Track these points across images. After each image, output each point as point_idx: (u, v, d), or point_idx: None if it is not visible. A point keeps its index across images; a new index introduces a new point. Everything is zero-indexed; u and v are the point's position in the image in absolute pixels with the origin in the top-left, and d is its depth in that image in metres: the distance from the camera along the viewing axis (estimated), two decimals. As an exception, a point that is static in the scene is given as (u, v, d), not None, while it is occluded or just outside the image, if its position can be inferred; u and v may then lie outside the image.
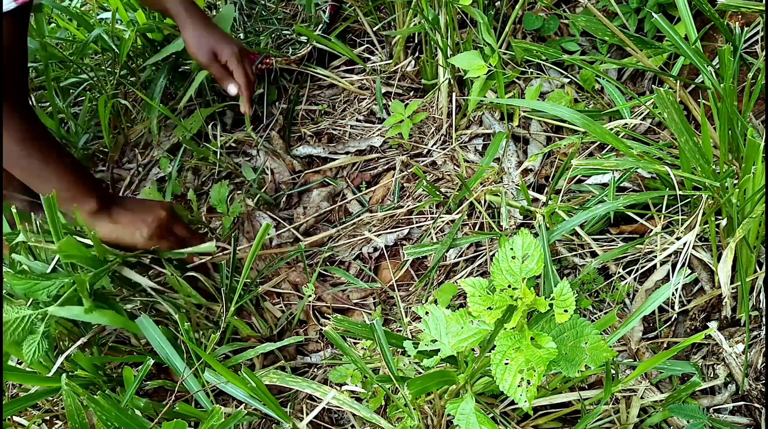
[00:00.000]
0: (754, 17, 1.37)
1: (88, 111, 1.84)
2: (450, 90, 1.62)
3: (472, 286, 0.82)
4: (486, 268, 1.42)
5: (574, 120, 1.16)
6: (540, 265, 0.81)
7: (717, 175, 1.09)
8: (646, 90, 1.52)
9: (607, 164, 1.17)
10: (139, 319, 1.16)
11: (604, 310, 1.28)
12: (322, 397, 1.07)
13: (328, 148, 1.73)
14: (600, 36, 1.39)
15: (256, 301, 1.44)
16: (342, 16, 1.87)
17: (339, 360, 1.32)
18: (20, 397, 1.07)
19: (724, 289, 1.10)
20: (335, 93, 1.85)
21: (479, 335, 0.84)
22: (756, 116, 1.30)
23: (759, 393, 1.14)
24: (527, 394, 0.77)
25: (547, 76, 1.57)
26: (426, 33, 1.62)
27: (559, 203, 1.29)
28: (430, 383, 0.90)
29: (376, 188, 1.65)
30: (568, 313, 0.78)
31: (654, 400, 1.14)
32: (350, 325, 1.04)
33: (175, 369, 1.14)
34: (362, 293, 1.49)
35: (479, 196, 1.45)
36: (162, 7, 1.50)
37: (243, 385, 1.05)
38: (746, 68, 1.28)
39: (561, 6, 1.65)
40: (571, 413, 1.14)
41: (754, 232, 1.11)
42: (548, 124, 1.56)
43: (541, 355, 0.78)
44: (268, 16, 1.87)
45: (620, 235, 1.34)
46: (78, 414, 0.95)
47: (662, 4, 1.42)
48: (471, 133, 1.63)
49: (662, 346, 1.23)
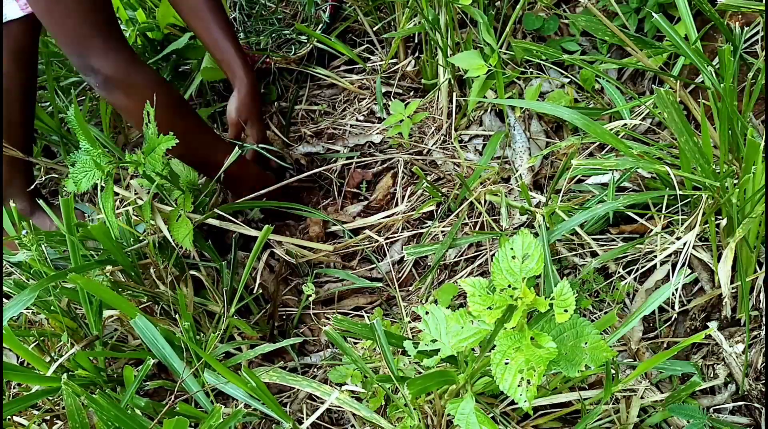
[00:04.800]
0: (754, 17, 1.37)
1: (88, 111, 1.84)
2: (450, 90, 1.62)
3: (472, 286, 0.82)
4: (486, 267, 1.42)
5: (574, 120, 1.16)
6: (540, 264, 0.81)
7: (717, 175, 1.09)
8: (646, 90, 1.52)
9: (607, 164, 1.17)
10: (135, 320, 1.16)
11: (604, 310, 1.28)
12: (323, 397, 1.07)
13: (328, 145, 1.74)
14: (600, 36, 1.39)
15: (257, 300, 1.44)
16: (342, 16, 1.87)
17: (339, 360, 1.32)
18: (20, 397, 1.08)
19: (724, 289, 1.10)
20: (335, 93, 1.85)
21: (479, 335, 0.84)
22: (756, 116, 1.30)
23: (759, 393, 1.14)
24: (527, 394, 0.77)
25: (547, 76, 1.57)
26: (426, 33, 1.62)
27: (559, 203, 1.29)
28: (430, 383, 0.90)
29: (377, 188, 1.65)
30: (568, 313, 0.78)
31: (654, 400, 1.14)
32: (350, 325, 1.04)
33: (174, 369, 1.14)
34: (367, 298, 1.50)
35: (479, 195, 1.45)
36: (223, 58, 1.49)
37: (243, 385, 1.05)
38: (746, 68, 1.28)
39: (561, 6, 1.65)
40: (571, 413, 1.14)
41: (754, 232, 1.11)
42: (548, 124, 1.56)
43: (541, 355, 0.78)
44: (268, 16, 1.87)
45: (620, 235, 1.34)
46: (78, 414, 0.95)
47: (662, 3, 1.42)
48: (471, 133, 1.63)
49: (662, 346, 1.23)
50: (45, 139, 1.83)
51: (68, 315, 1.24)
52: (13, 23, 1.34)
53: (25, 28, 1.37)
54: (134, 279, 1.29)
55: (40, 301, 1.23)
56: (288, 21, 1.90)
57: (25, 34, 1.38)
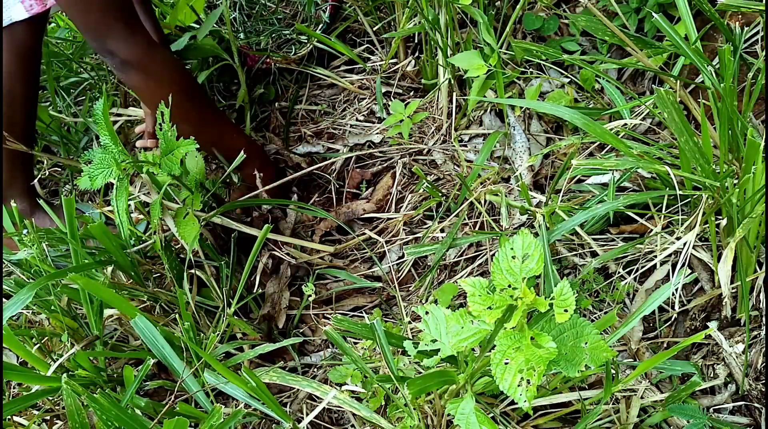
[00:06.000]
0: (754, 17, 1.37)
1: (88, 111, 1.84)
2: (450, 90, 1.62)
3: (472, 285, 0.82)
4: (486, 267, 1.42)
5: (574, 120, 1.16)
6: (540, 264, 0.81)
7: (717, 175, 1.09)
8: (646, 90, 1.52)
9: (607, 164, 1.17)
10: (135, 320, 1.16)
11: (604, 310, 1.28)
12: (323, 397, 1.07)
13: (328, 144, 1.74)
14: (600, 36, 1.39)
15: (257, 300, 1.44)
16: (342, 16, 1.87)
17: (339, 360, 1.32)
18: (20, 397, 1.08)
19: (724, 289, 1.10)
20: (335, 93, 1.85)
21: (479, 335, 0.84)
22: (756, 116, 1.30)
23: (759, 393, 1.14)
24: (527, 394, 0.77)
25: (547, 76, 1.57)
26: (426, 33, 1.62)
27: (559, 203, 1.29)
28: (430, 383, 0.90)
29: (377, 188, 1.65)
30: (568, 313, 0.78)
31: (654, 400, 1.14)
32: (350, 325, 1.04)
33: (174, 370, 1.14)
34: (367, 298, 1.50)
35: (479, 195, 1.45)
36: None
37: (243, 385, 1.05)
38: (746, 68, 1.28)
39: (561, 6, 1.65)
40: (571, 413, 1.14)
41: (754, 232, 1.11)
42: (548, 124, 1.56)
43: (541, 355, 0.78)
44: (268, 16, 1.87)
45: (620, 235, 1.34)
46: (78, 414, 0.95)
47: (662, 3, 1.42)
48: (471, 133, 1.63)
49: (662, 346, 1.23)
50: (45, 139, 1.83)
51: (68, 314, 1.24)
52: (18, 25, 1.36)
53: (29, 30, 1.38)
54: (135, 279, 1.29)
55: (41, 300, 1.23)
56: (288, 21, 1.90)
57: (29, 35, 1.39)
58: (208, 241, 1.39)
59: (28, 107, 1.47)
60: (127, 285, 1.28)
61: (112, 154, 1.18)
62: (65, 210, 1.19)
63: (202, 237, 1.35)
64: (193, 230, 1.25)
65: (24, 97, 1.44)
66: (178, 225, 1.26)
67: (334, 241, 1.60)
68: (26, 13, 1.35)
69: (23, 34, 1.38)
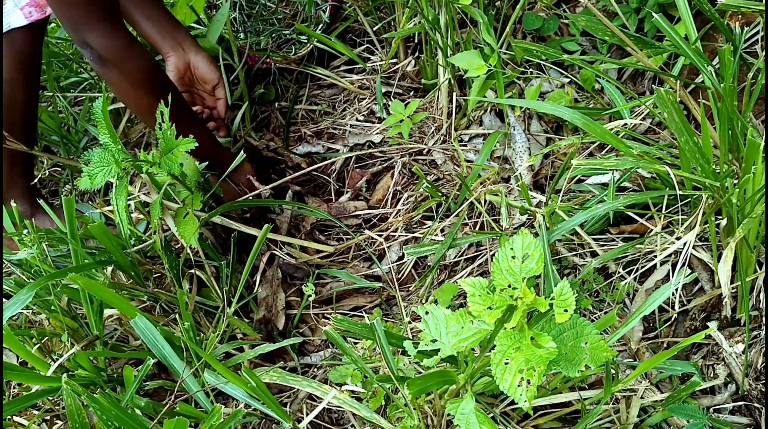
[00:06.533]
0: (754, 17, 1.37)
1: (88, 110, 1.84)
2: (450, 90, 1.62)
3: (472, 285, 0.82)
4: (486, 267, 1.42)
5: (574, 120, 1.16)
6: (540, 264, 0.81)
7: (717, 175, 1.09)
8: (646, 90, 1.52)
9: (607, 164, 1.17)
10: (135, 320, 1.16)
11: (604, 310, 1.28)
12: (323, 397, 1.07)
13: (328, 144, 1.74)
14: (600, 36, 1.39)
15: (257, 300, 1.44)
16: (342, 16, 1.87)
17: (339, 360, 1.32)
18: (20, 397, 1.08)
19: (724, 289, 1.10)
20: (335, 93, 1.85)
21: (479, 335, 0.84)
22: (756, 116, 1.30)
23: (759, 393, 1.14)
24: (527, 394, 0.77)
25: (547, 76, 1.57)
26: (426, 33, 1.62)
27: (559, 203, 1.29)
28: (430, 383, 0.90)
29: (377, 188, 1.65)
30: (568, 313, 0.78)
31: (654, 400, 1.14)
32: (350, 325, 1.04)
33: (174, 370, 1.14)
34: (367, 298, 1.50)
35: (479, 195, 1.45)
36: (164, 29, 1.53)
37: (243, 385, 1.05)
38: (746, 68, 1.28)
39: (561, 6, 1.65)
40: (571, 413, 1.14)
41: (754, 232, 1.11)
42: (548, 124, 1.56)
43: (541, 355, 0.78)
44: (268, 16, 1.87)
45: (620, 235, 1.34)
46: (78, 414, 0.95)
47: (662, 3, 1.42)
48: (471, 133, 1.63)
49: (662, 346, 1.23)
50: (45, 139, 1.83)
51: (68, 314, 1.24)
52: (18, 31, 1.36)
53: (29, 36, 1.39)
54: (135, 279, 1.29)
55: (41, 300, 1.23)
56: (288, 21, 1.90)
57: (28, 42, 1.40)
58: (209, 241, 1.39)
59: (28, 112, 1.48)
60: (127, 285, 1.28)
61: (112, 153, 1.18)
62: (65, 210, 1.19)
63: (202, 236, 1.35)
64: (192, 229, 1.25)
65: (24, 101, 1.45)
66: (178, 225, 1.26)
67: (325, 233, 1.60)
68: (25, 20, 1.36)
69: (22, 40, 1.38)
